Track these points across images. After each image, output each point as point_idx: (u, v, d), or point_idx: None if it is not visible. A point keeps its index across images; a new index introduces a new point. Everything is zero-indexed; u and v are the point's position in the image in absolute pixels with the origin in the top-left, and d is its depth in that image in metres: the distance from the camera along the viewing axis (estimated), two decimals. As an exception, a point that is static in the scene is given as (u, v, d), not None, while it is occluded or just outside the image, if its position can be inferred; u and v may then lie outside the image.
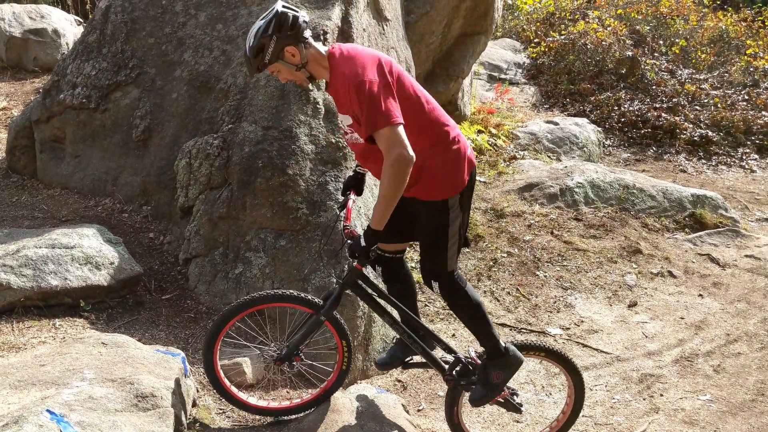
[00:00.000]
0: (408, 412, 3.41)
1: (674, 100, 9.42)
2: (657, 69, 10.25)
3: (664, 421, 3.81)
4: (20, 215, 4.67)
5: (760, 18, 12.26)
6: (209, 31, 4.77)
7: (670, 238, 6.01)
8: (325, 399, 3.10)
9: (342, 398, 3.15)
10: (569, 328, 4.71)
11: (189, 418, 2.98)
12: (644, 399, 4.03)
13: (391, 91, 2.52)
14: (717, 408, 3.95)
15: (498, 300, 4.92)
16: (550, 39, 10.72)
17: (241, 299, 2.93)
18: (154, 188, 4.74)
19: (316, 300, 2.91)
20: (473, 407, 3.05)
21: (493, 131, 7.62)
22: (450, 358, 3.07)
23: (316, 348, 3.31)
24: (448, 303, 2.97)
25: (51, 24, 7.83)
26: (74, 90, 5.09)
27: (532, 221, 5.85)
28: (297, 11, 2.58)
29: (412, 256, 4.75)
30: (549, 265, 5.35)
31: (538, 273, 5.26)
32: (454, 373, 3.02)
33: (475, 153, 7.01)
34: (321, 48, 2.65)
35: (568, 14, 11.71)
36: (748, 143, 8.98)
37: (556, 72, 10.21)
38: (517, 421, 3.74)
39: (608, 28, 10.66)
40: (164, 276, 4.24)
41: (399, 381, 4.01)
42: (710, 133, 8.91)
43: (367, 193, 4.21)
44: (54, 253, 3.74)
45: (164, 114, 4.80)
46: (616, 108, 9.32)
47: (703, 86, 9.95)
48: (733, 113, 9.24)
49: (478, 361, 3.02)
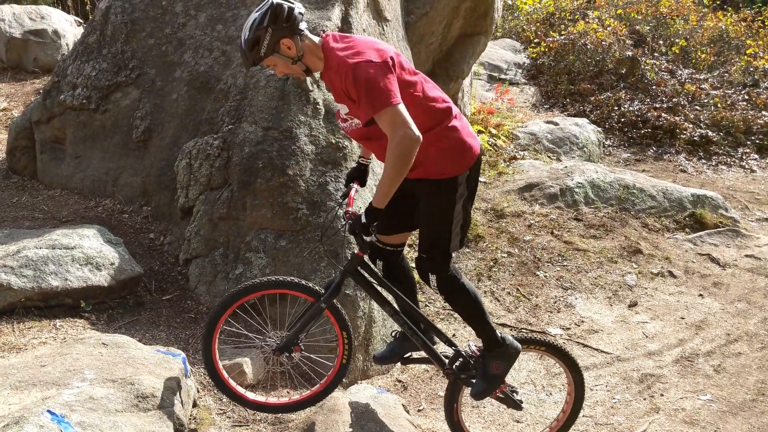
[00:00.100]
0: (408, 413, 3.41)
1: (674, 100, 9.42)
2: (657, 69, 10.25)
3: (665, 421, 3.81)
4: (21, 216, 4.67)
5: (760, 18, 12.26)
6: (209, 32, 4.77)
7: (671, 238, 6.01)
8: (326, 395, 3.04)
9: (342, 398, 3.15)
10: (569, 328, 4.71)
11: (190, 419, 2.98)
12: (645, 399, 4.03)
13: (389, 71, 2.48)
14: (717, 408, 3.95)
15: (498, 300, 4.92)
16: (550, 39, 10.73)
17: (241, 285, 2.88)
18: (155, 189, 4.74)
19: (317, 288, 2.88)
20: (475, 401, 3.01)
21: (493, 131, 7.62)
22: (450, 352, 3.05)
23: (316, 341, 3.26)
24: (446, 296, 2.95)
25: (51, 25, 7.84)
26: (74, 91, 5.09)
27: (533, 221, 5.85)
28: (292, 3, 2.56)
29: (412, 256, 4.75)
30: (549, 265, 5.35)
31: (539, 273, 5.26)
32: (455, 367, 3.00)
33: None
34: (315, 39, 2.63)
35: (568, 14, 11.71)
36: (748, 143, 8.98)
37: (556, 72, 10.21)
38: (518, 421, 3.74)
39: (608, 28, 10.67)
40: (165, 276, 4.24)
41: (399, 381, 4.01)
42: (710, 133, 8.91)
43: (368, 188, 4.21)
44: (54, 254, 3.74)
45: (164, 115, 4.80)
46: (616, 108, 9.32)
47: (703, 86, 9.95)
48: (733, 113, 9.24)
49: (479, 354, 3.01)
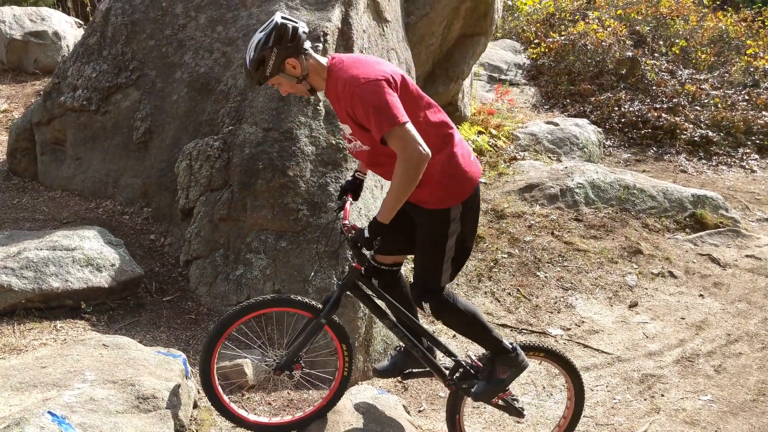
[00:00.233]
0: (409, 413, 3.41)
1: (674, 101, 9.43)
2: (657, 69, 10.25)
3: (665, 422, 3.81)
4: (21, 217, 4.68)
5: (760, 18, 12.26)
6: (209, 33, 4.77)
7: (671, 239, 6.01)
8: (329, 409, 3.01)
9: (343, 399, 3.14)
10: (570, 329, 4.71)
11: (190, 420, 2.98)
12: (645, 399, 4.03)
13: (395, 91, 2.50)
14: (718, 408, 3.95)
15: (499, 301, 4.92)
16: (550, 40, 10.73)
17: (238, 306, 2.82)
18: (155, 190, 4.75)
19: (316, 304, 2.84)
20: (474, 401, 3.00)
21: (494, 132, 7.63)
22: (450, 363, 3.04)
23: (316, 356, 3.23)
24: (442, 321, 2.93)
25: (51, 26, 7.85)
26: (75, 92, 5.09)
27: (533, 222, 5.86)
28: (297, 22, 2.56)
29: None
30: (549, 266, 5.35)
31: (539, 274, 5.26)
32: (455, 378, 2.99)
33: (476, 154, 7.02)
34: (321, 59, 2.63)
35: (568, 15, 11.72)
36: (749, 143, 8.98)
37: (556, 73, 10.22)
38: (518, 422, 3.74)
39: (608, 29, 10.67)
40: (165, 278, 4.25)
41: (400, 382, 4.01)
42: (710, 134, 8.92)
43: (368, 194, 4.21)
44: (55, 255, 3.75)
45: (165, 116, 4.80)
46: (617, 108, 9.32)
47: (704, 86, 9.96)
48: (734, 113, 9.25)
49: (479, 364, 3.00)
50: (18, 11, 7.95)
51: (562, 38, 10.66)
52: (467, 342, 4.34)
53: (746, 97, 9.76)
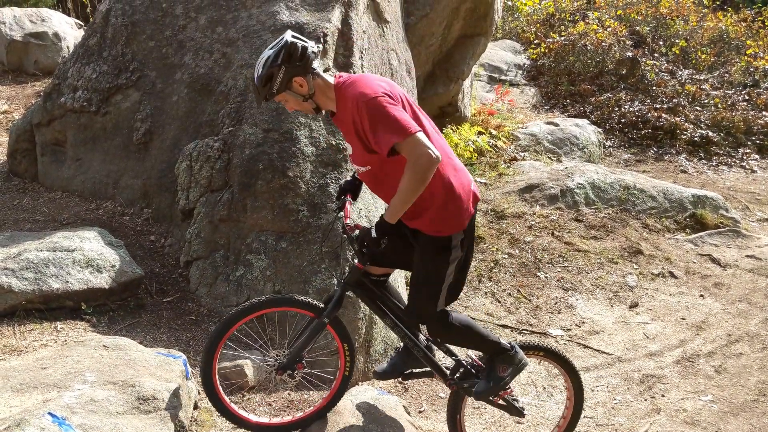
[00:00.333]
0: (409, 414, 3.40)
1: (674, 101, 9.43)
2: (657, 70, 10.26)
3: (666, 422, 3.81)
4: (21, 218, 4.68)
5: (760, 18, 12.26)
6: (209, 34, 4.78)
7: (671, 239, 6.01)
8: (330, 409, 3.01)
9: (343, 400, 3.14)
10: (570, 329, 4.71)
11: (191, 421, 2.98)
12: (646, 400, 4.02)
13: (401, 106, 2.51)
14: (718, 408, 3.95)
15: (499, 301, 4.92)
16: (550, 40, 10.73)
17: (240, 306, 2.82)
18: (155, 191, 4.75)
19: (318, 303, 2.84)
20: (476, 400, 3.01)
21: (494, 132, 7.63)
22: (451, 362, 3.05)
23: (316, 356, 3.24)
24: (441, 340, 2.93)
25: (52, 27, 7.86)
26: (75, 93, 5.10)
27: (533, 222, 5.86)
28: (306, 42, 2.57)
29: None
30: (550, 266, 5.35)
31: (539, 274, 5.26)
32: (456, 377, 3.00)
33: (476, 154, 7.02)
34: (328, 78, 2.64)
35: (568, 15, 11.73)
36: (749, 143, 8.98)
37: (557, 73, 10.22)
38: (518, 422, 3.74)
39: (608, 29, 10.67)
40: (165, 279, 4.25)
41: (400, 382, 4.01)
42: (711, 134, 8.92)
43: (368, 195, 4.21)
44: (55, 256, 3.75)
45: (165, 117, 4.80)
46: (617, 109, 9.32)
47: (704, 87, 9.96)
48: (734, 113, 9.25)
49: (480, 363, 3.01)
50: (18, 12, 7.96)
51: (562, 39, 10.66)
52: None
53: (746, 97, 9.77)
